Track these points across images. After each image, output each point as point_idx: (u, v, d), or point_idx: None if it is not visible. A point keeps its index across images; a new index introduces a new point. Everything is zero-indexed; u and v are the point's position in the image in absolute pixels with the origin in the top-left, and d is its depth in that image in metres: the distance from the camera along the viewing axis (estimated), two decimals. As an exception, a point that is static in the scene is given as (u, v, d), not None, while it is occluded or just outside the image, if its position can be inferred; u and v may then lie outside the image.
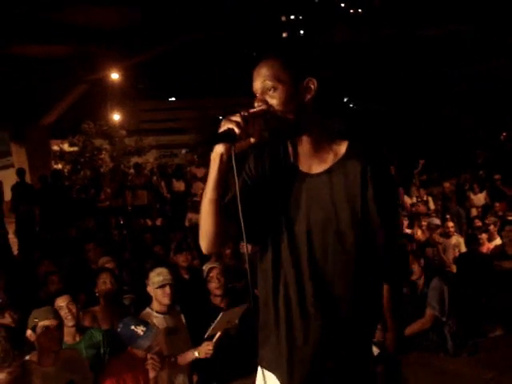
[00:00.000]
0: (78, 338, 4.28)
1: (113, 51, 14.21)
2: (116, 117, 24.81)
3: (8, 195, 14.12)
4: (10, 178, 20.45)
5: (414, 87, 18.16)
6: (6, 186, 13.60)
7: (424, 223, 9.32)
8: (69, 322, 4.19)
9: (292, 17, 36.14)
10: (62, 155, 22.20)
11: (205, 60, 31.53)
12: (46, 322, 3.76)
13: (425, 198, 12.10)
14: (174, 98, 36.21)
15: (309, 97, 1.99)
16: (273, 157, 2.14)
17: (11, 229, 12.22)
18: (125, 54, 15.07)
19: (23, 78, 15.61)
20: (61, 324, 3.86)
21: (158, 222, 11.45)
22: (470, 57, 18.74)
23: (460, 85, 18.71)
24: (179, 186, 13.25)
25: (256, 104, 1.98)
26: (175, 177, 13.61)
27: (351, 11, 26.63)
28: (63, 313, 4.15)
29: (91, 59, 14.73)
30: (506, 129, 19.75)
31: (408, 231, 8.89)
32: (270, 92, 1.96)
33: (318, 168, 2.06)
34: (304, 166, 2.08)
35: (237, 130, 1.85)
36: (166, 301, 4.47)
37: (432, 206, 11.93)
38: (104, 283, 5.05)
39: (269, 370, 2.20)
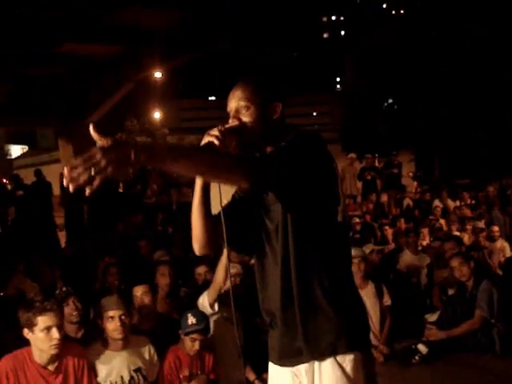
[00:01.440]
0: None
1: (159, 51, 14.48)
2: (157, 115, 25.20)
3: (56, 190, 14.55)
4: (55, 172, 20.98)
5: (459, 89, 18.01)
6: (52, 181, 14.02)
7: (469, 227, 9.34)
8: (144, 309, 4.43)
9: (333, 17, 36.22)
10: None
11: (245, 60, 31.78)
12: (111, 313, 3.96)
13: (468, 202, 12.07)
14: (213, 98, 36.53)
15: (275, 117, 2.31)
16: None
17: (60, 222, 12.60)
18: (171, 54, 15.33)
19: (72, 77, 16.02)
20: (126, 312, 4.05)
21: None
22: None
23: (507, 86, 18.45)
24: (224, 183, 13.40)
25: (230, 121, 2.27)
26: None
27: (393, 12, 26.53)
28: (138, 301, 4.39)
29: (139, 59, 15.02)
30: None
31: (457, 234, 8.93)
32: (243, 111, 2.27)
33: None
34: None
35: (216, 142, 2.11)
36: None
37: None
38: (163, 275, 5.24)
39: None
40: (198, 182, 2.27)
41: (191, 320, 4.20)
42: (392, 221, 10.53)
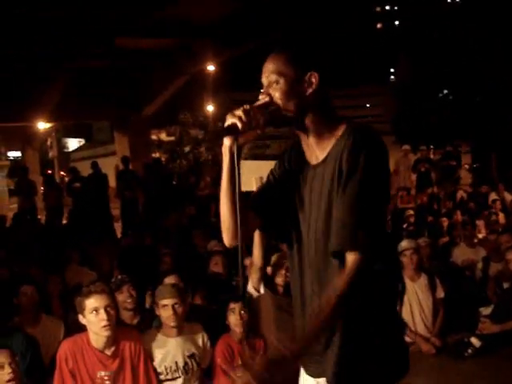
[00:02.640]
0: None
1: (214, 44, 14.62)
2: (210, 108, 25.36)
3: (111, 181, 14.91)
4: (110, 165, 21.45)
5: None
6: (107, 173, 14.34)
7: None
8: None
9: (387, 7, 35.69)
10: (159, 144, 23.05)
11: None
12: (165, 302, 4.05)
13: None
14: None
15: (310, 90, 2.06)
16: (293, 154, 2.23)
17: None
18: (225, 47, 15.46)
19: (128, 70, 16.35)
20: (180, 301, 4.10)
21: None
22: None
23: None
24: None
25: (260, 97, 2.08)
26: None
27: (448, 1, 25.91)
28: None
29: (193, 52, 15.21)
30: None
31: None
32: (274, 85, 2.05)
33: (319, 158, 2.12)
34: (312, 158, 2.15)
35: (239, 124, 1.97)
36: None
37: None
38: (216, 265, 5.34)
39: None
40: (226, 160, 2.07)
41: None
42: (447, 213, 10.39)
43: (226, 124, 2.01)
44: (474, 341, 5.48)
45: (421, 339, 5.65)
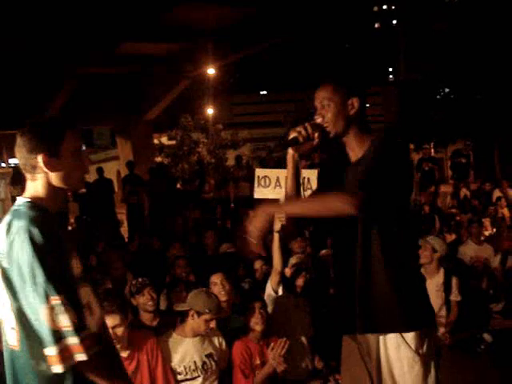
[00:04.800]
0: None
1: (216, 48, 14.69)
2: (210, 111, 25.43)
3: (116, 187, 14.94)
4: (112, 170, 21.44)
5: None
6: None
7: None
8: (222, 297, 4.57)
9: (384, 7, 35.75)
10: (161, 148, 23.11)
11: (295, 53, 31.70)
12: (209, 316, 4.05)
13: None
14: (265, 92, 36.55)
15: (353, 111, 2.70)
16: (336, 158, 2.86)
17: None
18: (227, 51, 15.53)
19: (129, 75, 16.41)
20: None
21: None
22: None
23: None
24: (279, 177, 13.60)
25: (316, 117, 2.70)
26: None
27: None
28: (217, 288, 4.55)
29: (195, 56, 15.28)
30: None
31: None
32: (325, 108, 2.69)
33: (358, 157, 2.75)
34: (353, 158, 2.77)
35: (300, 138, 2.65)
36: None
37: None
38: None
39: None
40: (289, 166, 2.78)
41: None
42: (456, 211, 10.45)
43: (290, 137, 2.67)
44: (487, 336, 5.53)
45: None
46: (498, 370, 5.26)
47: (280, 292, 4.86)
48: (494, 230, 9.18)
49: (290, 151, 2.77)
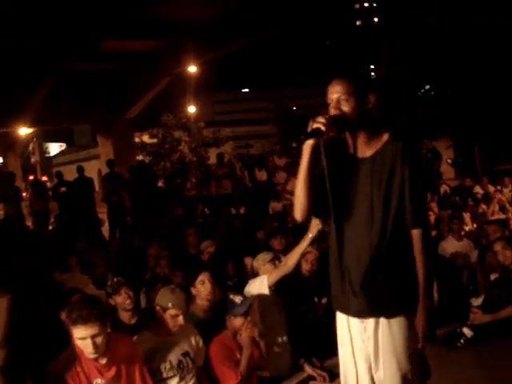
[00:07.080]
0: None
1: (198, 45, 14.64)
2: (192, 109, 25.37)
3: (96, 185, 14.81)
4: (93, 168, 21.29)
5: (498, 74, 17.68)
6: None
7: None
8: (209, 295, 4.62)
9: (366, 4, 35.90)
10: (142, 147, 23.02)
11: (277, 51, 31.72)
12: (174, 312, 4.04)
13: (510, 188, 11.96)
14: (247, 90, 36.54)
15: (369, 106, 2.84)
16: (333, 151, 2.88)
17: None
18: (208, 48, 15.48)
19: (109, 73, 16.29)
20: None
21: (242, 211, 11.82)
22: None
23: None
24: (261, 175, 13.65)
25: (332, 110, 2.78)
26: (258, 167, 14.02)
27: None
28: (204, 287, 4.58)
29: (177, 53, 15.20)
30: None
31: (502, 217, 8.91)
32: (343, 102, 2.78)
33: (367, 153, 2.85)
34: (358, 153, 2.87)
35: (323, 128, 2.68)
36: None
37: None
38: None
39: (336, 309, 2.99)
40: (306, 154, 2.76)
41: (239, 298, 4.36)
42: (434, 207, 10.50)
43: (311, 128, 2.69)
44: (466, 331, 5.56)
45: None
46: (478, 364, 5.29)
47: (269, 291, 4.85)
48: (475, 225, 9.25)
49: (309, 142, 2.75)
